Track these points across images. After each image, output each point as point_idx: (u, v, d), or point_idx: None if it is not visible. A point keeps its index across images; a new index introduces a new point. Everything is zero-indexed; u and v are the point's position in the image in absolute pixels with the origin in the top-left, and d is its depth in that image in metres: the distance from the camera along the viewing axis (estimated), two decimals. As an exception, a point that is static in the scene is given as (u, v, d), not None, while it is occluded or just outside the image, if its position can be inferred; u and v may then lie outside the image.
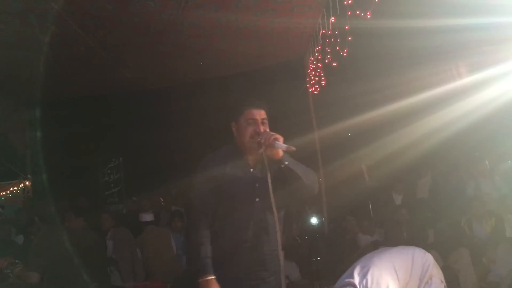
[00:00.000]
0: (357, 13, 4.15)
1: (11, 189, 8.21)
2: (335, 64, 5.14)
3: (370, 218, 5.92)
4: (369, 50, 5.70)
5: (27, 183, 8.12)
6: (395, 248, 2.89)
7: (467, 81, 5.88)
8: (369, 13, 4.03)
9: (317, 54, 5.68)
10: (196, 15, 5.27)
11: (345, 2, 4.25)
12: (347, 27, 4.54)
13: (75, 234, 4.04)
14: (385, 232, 5.53)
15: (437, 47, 5.74)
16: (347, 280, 2.58)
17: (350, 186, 6.44)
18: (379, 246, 5.03)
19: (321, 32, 5.35)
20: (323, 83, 5.93)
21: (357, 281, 2.53)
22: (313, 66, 6.05)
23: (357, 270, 2.60)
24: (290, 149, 2.18)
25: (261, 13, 5.36)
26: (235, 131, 2.40)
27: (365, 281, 2.51)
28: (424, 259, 2.72)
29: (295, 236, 5.90)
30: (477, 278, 4.47)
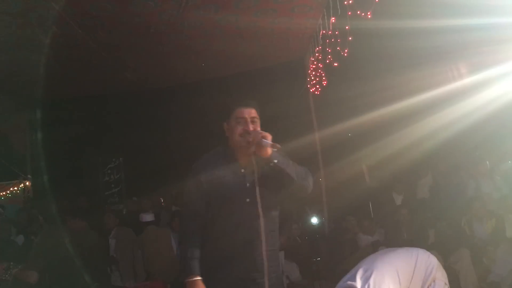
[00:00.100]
0: (358, 13, 4.15)
1: (12, 189, 8.20)
2: (336, 64, 5.14)
3: (370, 218, 5.92)
4: (369, 50, 5.71)
5: (28, 183, 8.13)
6: (399, 249, 2.86)
7: (467, 81, 5.88)
8: (369, 13, 4.03)
9: (317, 54, 5.69)
10: (196, 16, 5.27)
11: (346, 2, 4.25)
12: (347, 28, 4.54)
13: (76, 234, 4.04)
14: (386, 232, 5.53)
15: (437, 48, 5.73)
16: (349, 282, 2.56)
17: (350, 186, 6.45)
18: (380, 246, 5.04)
19: (321, 32, 5.35)
20: (324, 83, 5.93)
21: (359, 285, 2.52)
22: (314, 66, 6.05)
23: (360, 273, 2.59)
24: (275, 147, 2.16)
25: (261, 13, 5.37)
26: (226, 131, 2.39)
27: (367, 286, 2.49)
28: (428, 262, 2.70)
29: (295, 236, 5.90)
30: (477, 278, 4.47)
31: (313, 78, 6.24)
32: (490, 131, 5.86)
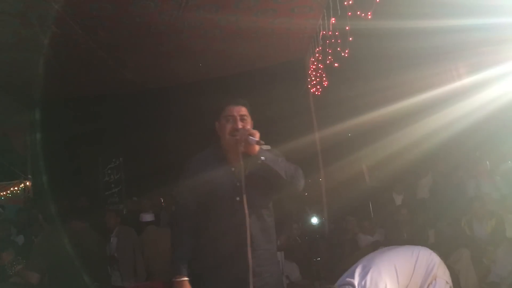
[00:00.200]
0: (358, 14, 4.15)
1: (12, 189, 8.20)
2: (336, 65, 5.14)
3: (370, 218, 5.92)
4: (369, 50, 5.71)
5: (28, 183, 8.13)
6: (400, 247, 2.87)
7: (467, 81, 5.88)
8: (370, 14, 4.03)
9: (317, 55, 5.69)
10: (196, 16, 5.28)
11: (346, 3, 4.25)
12: (347, 28, 4.54)
13: (76, 234, 4.04)
14: (386, 232, 5.53)
15: (437, 48, 5.74)
16: (347, 279, 2.59)
17: (350, 186, 6.45)
18: (380, 246, 5.03)
19: (321, 33, 5.35)
20: (325, 84, 5.93)
21: (356, 281, 2.53)
22: (314, 67, 6.05)
23: (359, 269, 2.61)
24: (260, 144, 2.14)
25: (261, 13, 5.37)
26: (217, 130, 2.38)
27: (363, 282, 2.51)
28: (429, 259, 2.70)
29: (295, 236, 5.90)
30: (477, 278, 4.46)
31: (313, 78, 6.24)
32: (490, 131, 5.86)
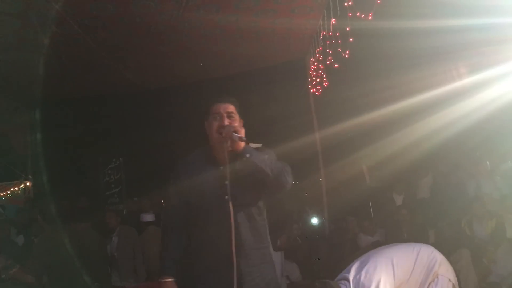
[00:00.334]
0: (358, 14, 4.15)
1: (12, 189, 8.19)
2: (336, 65, 5.14)
3: (370, 218, 5.92)
4: (369, 51, 5.71)
5: (28, 184, 8.13)
6: (401, 244, 2.87)
7: (467, 81, 5.88)
8: (370, 14, 4.03)
9: (318, 55, 5.69)
10: (196, 16, 5.28)
11: (346, 3, 4.25)
12: (348, 29, 4.54)
13: (77, 234, 4.05)
14: (386, 232, 5.53)
15: (437, 48, 5.74)
16: (345, 274, 2.60)
17: (350, 186, 6.45)
18: (380, 246, 5.03)
19: (322, 33, 5.35)
20: (325, 84, 5.93)
21: (351, 276, 2.54)
22: (314, 67, 6.05)
23: (356, 265, 2.63)
24: (243, 140, 2.13)
25: (261, 14, 5.37)
26: (206, 129, 2.37)
27: (358, 276, 2.52)
28: (430, 256, 2.68)
29: (295, 236, 5.90)
30: (477, 278, 4.46)
31: (314, 78, 6.24)
32: (490, 131, 5.87)
